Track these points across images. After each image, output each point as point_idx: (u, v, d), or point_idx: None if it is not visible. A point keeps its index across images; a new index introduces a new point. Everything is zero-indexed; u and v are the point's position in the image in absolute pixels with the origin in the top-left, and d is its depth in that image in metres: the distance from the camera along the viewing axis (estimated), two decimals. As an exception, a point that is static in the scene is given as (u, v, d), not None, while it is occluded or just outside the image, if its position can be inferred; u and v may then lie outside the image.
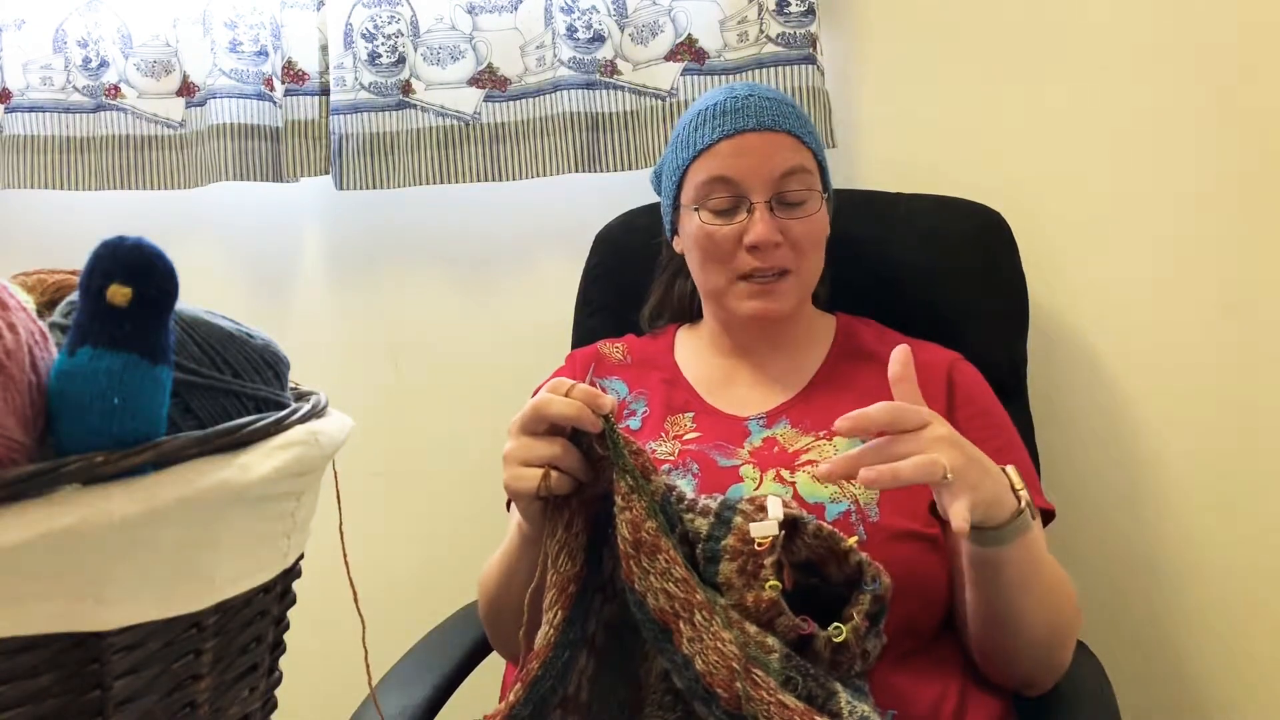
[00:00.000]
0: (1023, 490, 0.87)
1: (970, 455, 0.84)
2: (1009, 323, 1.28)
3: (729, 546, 0.81)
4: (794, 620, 0.79)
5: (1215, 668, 1.39)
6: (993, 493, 0.85)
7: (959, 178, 1.36)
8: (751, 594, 0.80)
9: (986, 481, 0.85)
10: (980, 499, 0.83)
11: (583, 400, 0.82)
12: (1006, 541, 0.87)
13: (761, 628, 0.79)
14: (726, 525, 0.82)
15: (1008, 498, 0.86)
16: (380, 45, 1.52)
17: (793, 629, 0.79)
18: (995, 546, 0.87)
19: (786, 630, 0.79)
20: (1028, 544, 0.88)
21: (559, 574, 0.82)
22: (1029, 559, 0.90)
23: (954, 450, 0.83)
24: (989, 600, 0.93)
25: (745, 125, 1.09)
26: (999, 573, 0.90)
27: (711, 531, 0.82)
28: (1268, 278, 1.33)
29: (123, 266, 0.47)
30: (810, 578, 0.84)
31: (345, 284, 1.67)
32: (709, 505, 0.83)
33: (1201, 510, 1.38)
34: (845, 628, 0.79)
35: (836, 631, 0.79)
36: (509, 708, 0.79)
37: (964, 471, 0.82)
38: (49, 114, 1.64)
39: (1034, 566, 0.91)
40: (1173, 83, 1.34)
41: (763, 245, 1.07)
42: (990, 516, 0.85)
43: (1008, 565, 0.89)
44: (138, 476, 0.46)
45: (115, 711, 0.48)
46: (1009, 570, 0.89)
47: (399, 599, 1.30)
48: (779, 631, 0.79)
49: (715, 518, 0.82)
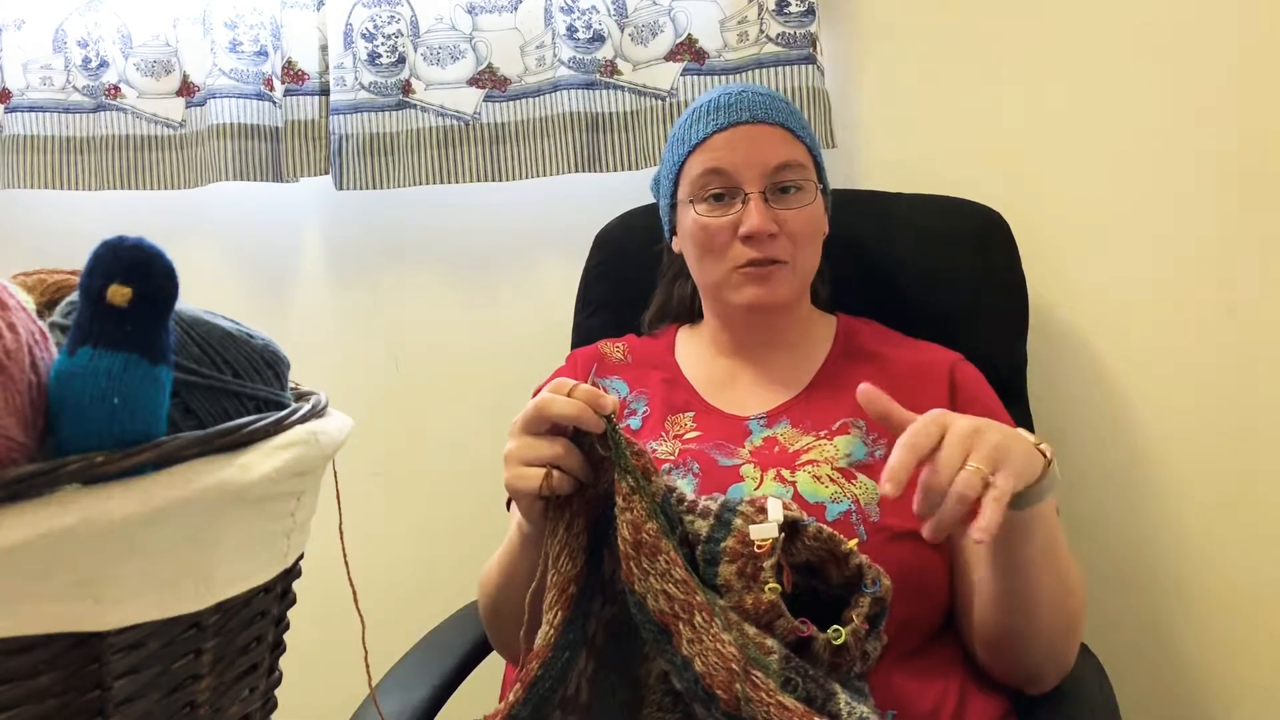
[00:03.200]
0: (1043, 444, 0.85)
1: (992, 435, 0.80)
2: (1009, 323, 1.28)
3: (728, 549, 0.81)
4: (793, 623, 0.79)
5: (1215, 667, 1.39)
6: (1024, 454, 0.82)
7: (959, 178, 1.36)
8: (751, 596, 0.80)
9: (1017, 446, 0.81)
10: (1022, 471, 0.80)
11: (585, 400, 0.82)
12: (1039, 498, 0.84)
13: (761, 630, 0.79)
14: (726, 527, 0.82)
15: (1036, 455, 0.84)
16: (380, 45, 1.52)
17: (792, 631, 0.79)
18: (1033, 504, 0.84)
19: (785, 633, 0.79)
20: (1051, 512, 0.88)
21: (559, 574, 0.82)
22: (1050, 529, 0.89)
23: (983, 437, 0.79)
24: (1006, 576, 0.91)
25: (738, 118, 1.10)
26: (1026, 541, 0.88)
27: (711, 533, 0.82)
28: (1268, 278, 1.33)
29: (123, 266, 0.47)
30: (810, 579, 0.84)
31: (345, 284, 1.67)
32: (709, 507, 0.83)
33: (1201, 510, 1.38)
34: (844, 630, 0.79)
35: (835, 634, 0.79)
36: (509, 708, 0.79)
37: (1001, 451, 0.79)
38: (49, 114, 1.64)
39: (1052, 540, 0.90)
40: (1173, 82, 1.34)
41: (757, 235, 1.07)
42: (1030, 475, 0.82)
43: (1035, 532, 0.87)
44: (138, 476, 0.46)
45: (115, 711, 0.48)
46: (1035, 538, 0.88)
47: (399, 599, 1.30)
48: (778, 634, 0.79)
49: (715, 519, 0.82)
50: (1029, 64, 1.39)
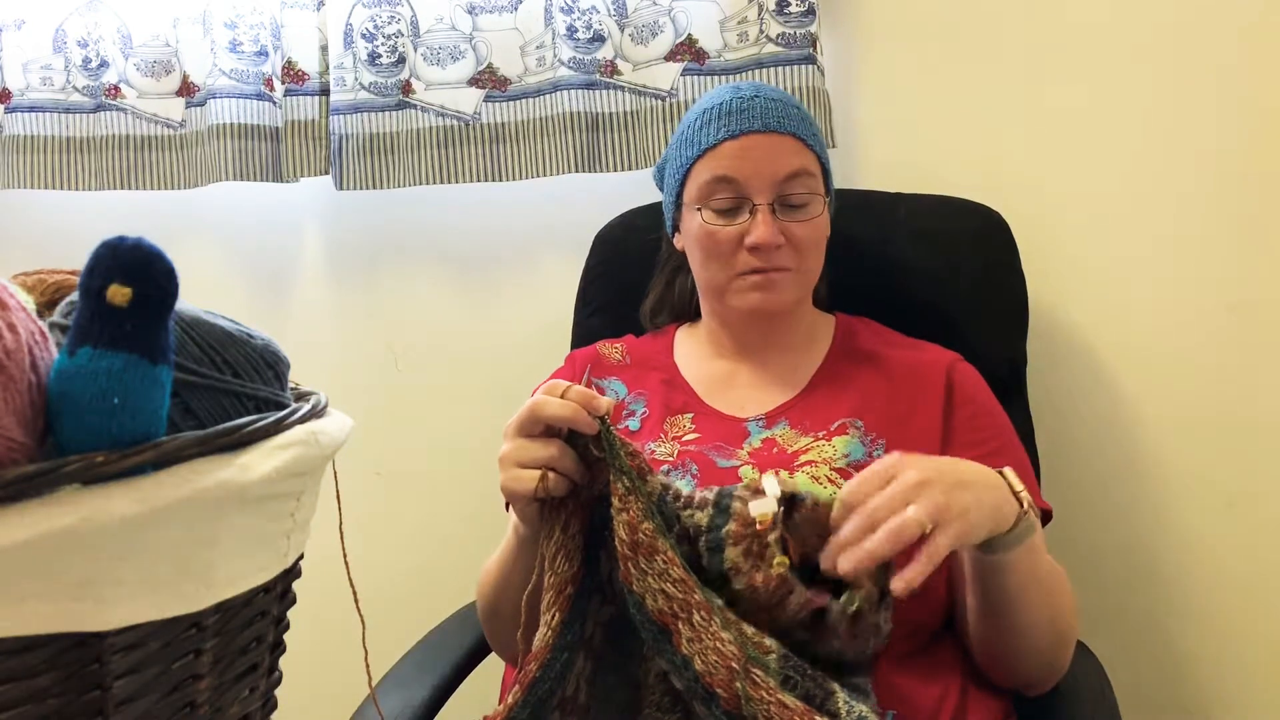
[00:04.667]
0: (1023, 492, 0.86)
1: (955, 481, 0.81)
2: (1009, 323, 1.28)
3: (731, 532, 0.81)
4: (806, 595, 0.78)
5: (1215, 667, 1.39)
6: (990, 507, 0.83)
7: (959, 178, 1.36)
8: (760, 574, 0.79)
9: (982, 498, 0.82)
10: (977, 522, 0.81)
11: (578, 402, 0.82)
12: (1014, 546, 0.86)
13: (774, 609, 0.78)
14: (726, 513, 0.81)
15: (1008, 505, 0.84)
16: (380, 45, 1.52)
17: (806, 604, 0.78)
18: (1002, 553, 0.86)
19: (800, 606, 0.78)
20: (1031, 547, 0.88)
21: (556, 576, 0.82)
22: (1032, 562, 0.90)
23: (929, 491, 0.78)
24: (992, 604, 0.93)
25: (750, 126, 1.09)
26: (1004, 577, 0.89)
27: (712, 522, 0.82)
28: (1268, 277, 1.33)
29: (123, 266, 0.47)
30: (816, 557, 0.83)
31: (345, 284, 1.67)
32: (706, 498, 0.83)
33: (1201, 510, 1.38)
34: (857, 596, 0.78)
35: (849, 600, 0.78)
36: (507, 710, 0.79)
37: (945, 509, 0.78)
38: (49, 114, 1.64)
39: (1036, 569, 0.91)
40: (1173, 82, 1.34)
41: (764, 247, 1.07)
42: (996, 528, 0.84)
43: (1012, 570, 0.89)
44: (138, 476, 0.46)
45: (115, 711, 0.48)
46: (1013, 575, 0.89)
47: (399, 599, 1.30)
48: (792, 609, 0.78)
49: (714, 508, 0.82)
50: (1029, 64, 1.39)
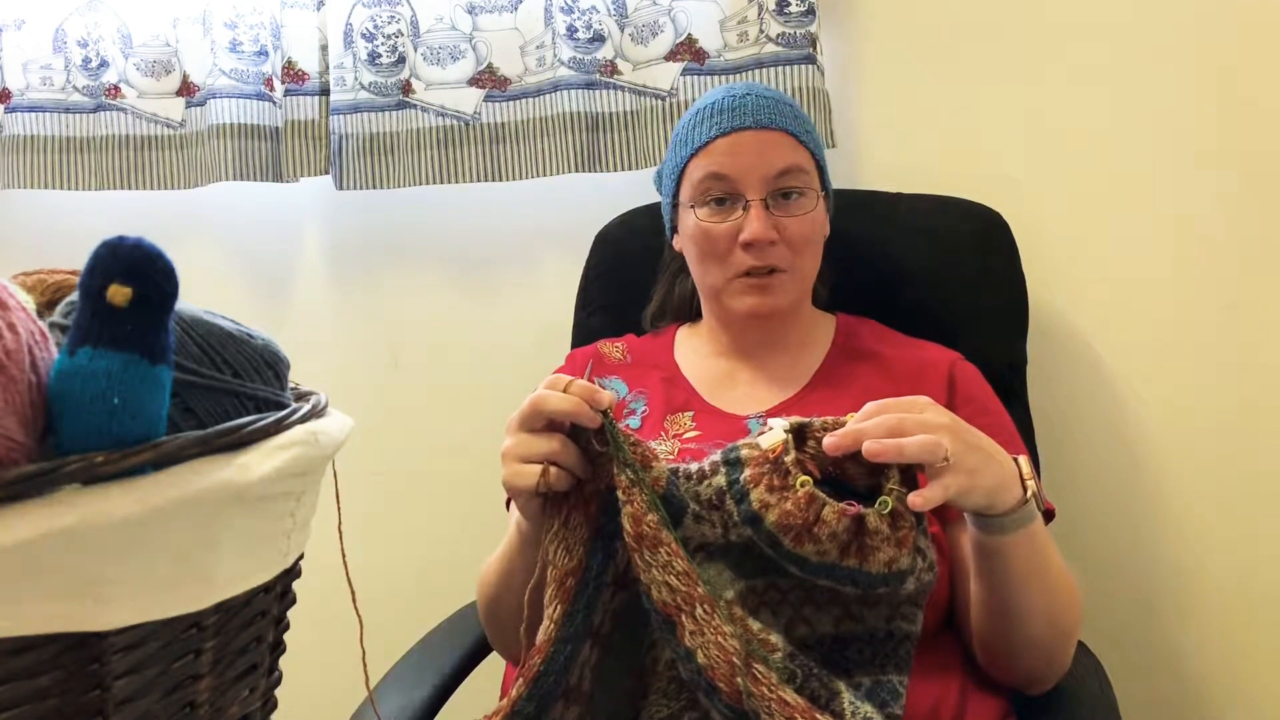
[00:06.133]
0: (1031, 480, 0.87)
1: (970, 443, 0.84)
2: (1009, 323, 1.28)
3: (750, 476, 0.80)
4: (838, 506, 0.78)
5: (1215, 667, 1.39)
6: (995, 479, 0.85)
7: (959, 178, 1.36)
8: (790, 500, 0.78)
9: (989, 467, 0.84)
10: (979, 485, 0.83)
11: (581, 396, 0.82)
12: (1010, 530, 0.87)
13: (813, 530, 0.78)
14: (738, 464, 0.81)
15: (1013, 485, 0.86)
16: (380, 45, 1.52)
17: (841, 514, 0.77)
18: (999, 535, 0.87)
19: (836, 518, 0.77)
20: (1032, 535, 0.88)
21: (557, 568, 0.82)
22: (1033, 552, 0.90)
23: (953, 436, 0.82)
24: (992, 591, 0.93)
25: (742, 123, 1.10)
26: (1004, 563, 0.89)
27: (729, 477, 0.81)
28: (1268, 277, 1.33)
29: (123, 266, 0.47)
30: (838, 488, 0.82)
31: (345, 284, 1.67)
32: (716, 461, 0.82)
33: (1201, 510, 1.38)
34: (889, 499, 0.78)
35: (883, 505, 0.78)
36: (512, 704, 0.79)
37: (962, 457, 0.82)
38: (49, 114, 1.64)
39: (1038, 561, 0.91)
40: (1173, 82, 1.34)
41: (757, 243, 1.08)
42: (994, 503, 0.85)
43: (1012, 556, 0.89)
44: (138, 476, 0.46)
45: (115, 711, 0.48)
46: (1013, 562, 0.89)
47: (399, 599, 1.30)
48: (830, 525, 0.77)
49: (726, 466, 0.82)
50: (1029, 64, 1.39)
